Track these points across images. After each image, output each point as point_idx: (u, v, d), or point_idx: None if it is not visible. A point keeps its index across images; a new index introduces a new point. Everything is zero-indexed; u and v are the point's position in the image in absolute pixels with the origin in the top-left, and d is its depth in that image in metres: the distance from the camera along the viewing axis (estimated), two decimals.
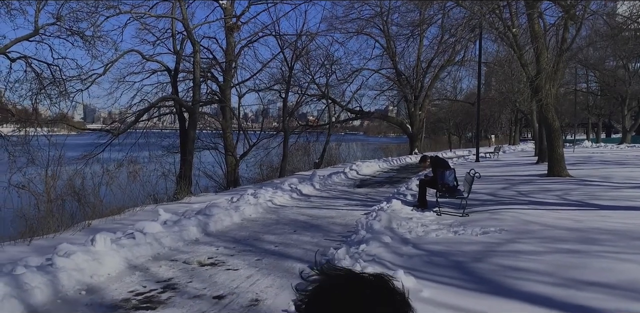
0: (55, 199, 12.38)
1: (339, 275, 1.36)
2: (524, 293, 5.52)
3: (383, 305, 1.28)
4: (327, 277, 1.36)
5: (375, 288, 1.30)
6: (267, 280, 6.68)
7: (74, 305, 5.66)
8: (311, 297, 1.34)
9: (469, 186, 11.36)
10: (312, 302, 1.33)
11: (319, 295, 1.33)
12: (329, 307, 1.29)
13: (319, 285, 1.34)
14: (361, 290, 1.29)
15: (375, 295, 1.29)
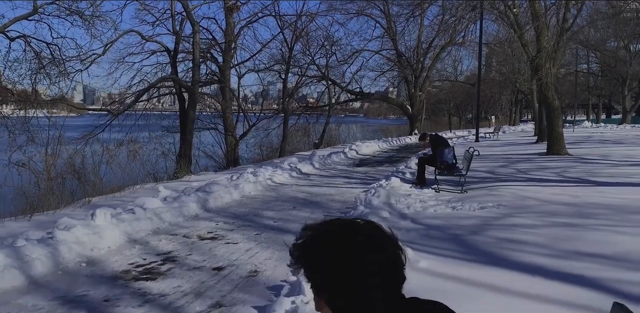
0: (56, 177, 12.43)
1: (333, 223, 1.39)
2: (519, 264, 5.58)
3: (376, 252, 1.29)
4: (321, 225, 1.38)
5: (368, 236, 1.32)
6: (266, 252, 6.75)
7: (74, 276, 5.73)
8: (305, 243, 1.35)
9: (468, 163, 11.39)
10: (306, 249, 1.34)
11: (313, 241, 1.34)
12: (322, 253, 1.30)
13: (313, 232, 1.36)
14: (354, 237, 1.31)
15: (368, 242, 1.30)
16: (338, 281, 1.28)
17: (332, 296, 1.30)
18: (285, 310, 4.37)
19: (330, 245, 1.30)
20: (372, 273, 1.27)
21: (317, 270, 1.33)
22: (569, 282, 4.91)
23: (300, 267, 1.37)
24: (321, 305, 1.34)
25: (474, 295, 4.61)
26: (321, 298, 1.32)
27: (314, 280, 1.35)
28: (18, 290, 5.21)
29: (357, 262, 1.26)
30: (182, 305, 4.88)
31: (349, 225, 1.36)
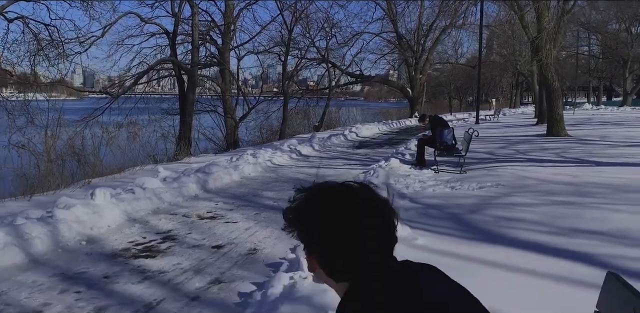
0: (56, 159, 12.45)
1: (328, 185, 1.37)
2: (517, 241, 5.61)
3: (373, 216, 1.29)
4: (316, 188, 1.37)
5: (366, 200, 1.31)
6: (265, 231, 6.78)
7: (74, 254, 5.76)
8: (300, 205, 1.34)
9: (467, 144, 11.38)
10: (302, 211, 1.33)
11: (309, 204, 1.33)
12: (318, 216, 1.29)
13: (308, 195, 1.34)
14: (352, 200, 1.30)
15: (365, 206, 1.29)
16: (334, 244, 1.27)
17: (326, 258, 1.30)
18: (283, 285, 4.40)
19: (327, 208, 1.29)
20: (369, 238, 1.26)
21: (312, 233, 1.31)
22: (566, 258, 4.94)
23: (294, 230, 1.36)
24: (314, 266, 1.34)
25: (471, 271, 4.63)
26: (315, 259, 1.32)
27: (308, 242, 1.34)
28: (18, 267, 5.24)
29: (354, 226, 1.26)
30: (182, 282, 4.91)
31: (346, 188, 1.34)
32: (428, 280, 1.28)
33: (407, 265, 1.32)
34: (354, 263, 1.27)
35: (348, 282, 1.28)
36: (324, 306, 3.73)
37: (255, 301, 4.30)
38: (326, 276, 1.32)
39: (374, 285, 1.23)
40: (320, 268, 1.32)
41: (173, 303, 4.40)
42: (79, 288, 4.71)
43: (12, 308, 4.28)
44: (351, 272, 1.27)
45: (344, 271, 1.29)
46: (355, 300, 1.24)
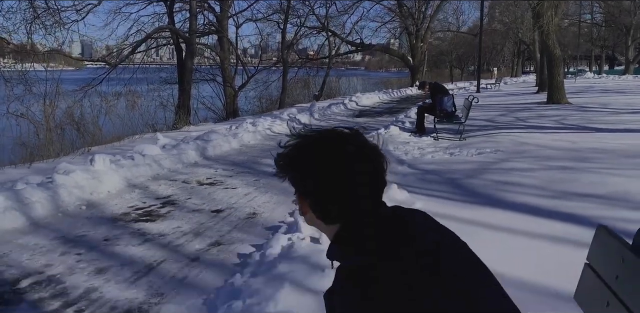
0: (55, 128, 12.44)
1: (320, 132, 1.37)
2: (514, 204, 5.64)
3: (365, 162, 1.28)
4: (308, 134, 1.36)
5: (358, 146, 1.30)
6: (264, 197, 6.81)
7: (74, 218, 5.80)
8: (293, 151, 1.33)
9: (467, 111, 11.35)
10: (294, 158, 1.33)
11: (301, 150, 1.32)
12: (311, 162, 1.29)
13: (300, 141, 1.34)
14: (344, 146, 1.29)
15: (357, 153, 1.29)
16: (326, 190, 1.28)
17: (317, 203, 1.31)
18: (281, 246, 4.44)
19: (319, 155, 1.29)
20: (361, 184, 1.26)
21: (304, 179, 1.32)
22: (563, 220, 4.96)
23: (285, 176, 1.36)
24: (305, 210, 1.34)
25: (470, 233, 4.60)
26: (306, 203, 1.33)
27: (300, 187, 1.35)
28: (19, 231, 5.29)
29: (346, 172, 1.26)
30: (182, 244, 4.96)
31: (337, 134, 1.34)
32: (419, 227, 1.29)
33: (397, 211, 1.33)
34: (345, 209, 1.27)
35: (338, 224, 1.29)
36: (320, 265, 3.77)
37: (254, 261, 4.35)
38: (317, 219, 1.33)
39: (365, 232, 1.23)
40: (311, 212, 1.33)
41: (173, 264, 4.45)
42: (80, 251, 4.76)
43: (14, 269, 4.33)
44: (342, 216, 1.28)
45: (336, 216, 1.30)
46: (348, 246, 1.25)
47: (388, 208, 1.32)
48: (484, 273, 1.25)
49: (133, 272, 4.26)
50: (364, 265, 1.16)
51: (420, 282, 1.11)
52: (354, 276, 1.15)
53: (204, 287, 3.95)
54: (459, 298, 1.11)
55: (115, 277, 4.15)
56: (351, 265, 1.20)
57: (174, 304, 3.68)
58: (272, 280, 3.61)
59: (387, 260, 1.14)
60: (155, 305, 3.66)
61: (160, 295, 3.82)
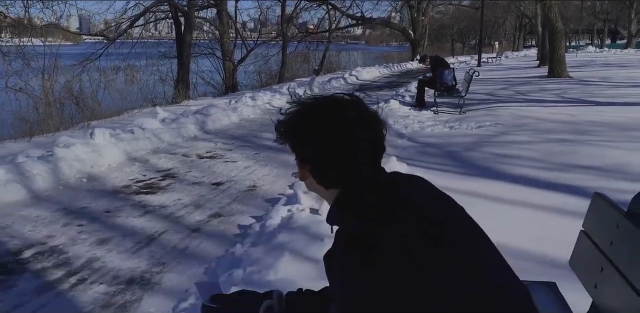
0: (54, 102, 12.42)
1: (320, 98, 1.37)
2: (512, 176, 5.67)
3: (365, 129, 1.29)
4: (308, 100, 1.36)
5: (358, 112, 1.31)
6: (264, 170, 6.84)
7: (75, 191, 5.84)
8: (293, 118, 1.34)
9: (467, 85, 11.31)
10: (293, 124, 1.34)
11: (301, 116, 1.33)
12: (311, 130, 1.30)
13: (300, 108, 1.34)
14: (344, 112, 1.30)
15: (358, 119, 1.29)
16: (326, 156, 1.29)
17: (318, 169, 1.32)
18: (281, 217, 4.48)
19: (320, 122, 1.29)
20: (361, 150, 1.28)
21: (305, 146, 1.33)
22: (562, 192, 5.00)
23: (285, 141, 1.37)
24: (306, 175, 1.35)
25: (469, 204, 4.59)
26: (306, 169, 1.34)
27: (300, 153, 1.36)
28: (21, 203, 5.33)
29: (347, 139, 1.26)
30: (182, 215, 5.00)
31: (337, 101, 1.34)
32: (422, 195, 1.30)
33: (396, 177, 1.34)
34: (345, 174, 1.28)
35: (338, 189, 1.31)
36: (319, 235, 3.81)
37: (254, 232, 4.39)
38: (317, 184, 1.34)
39: (365, 198, 1.24)
40: (312, 177, 1.34)
41: (174, 234, 4.50)
42: (81, 222, 4.81)
43: (16, 240, 4.38)
44: (342, 181, 1.29)
45: (335, 181, 1.31)
46: (348, 211, 1.26)
47: (387, 174, 1.33)
48: (487, 245, 1.27)
49: (134, 243, 4.30)
50: (364, 232, 1.17)
51: (423, 248, 1.12)
52: (354, 242, 1.16)
53: (205, 257, 4.00)
54: (461, 269, 1.13)
55: (117, 247, 4.20)
56: (351, 231, 1.21)
57: (176, 273, 3.73)
58: (272, 250, 3.66)
59: (387, 226, 1.15)
60: (157, 274, 3.71)
61: (162, 265, 3.87)
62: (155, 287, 3.52)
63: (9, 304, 3.29)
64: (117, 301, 3.33)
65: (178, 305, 3.24)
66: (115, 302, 3.32)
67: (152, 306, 3.27)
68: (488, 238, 1.28)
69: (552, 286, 2.24)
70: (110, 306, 3.26)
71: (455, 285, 1.10)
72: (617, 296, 1.75)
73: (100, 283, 3.58)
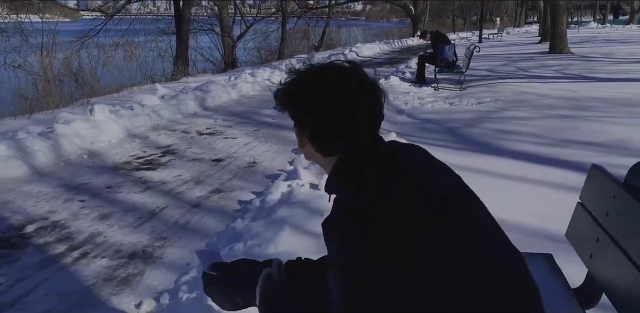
0: (53, 79, 12.35)
1: (319, 66, 1.36)
2: (513, 152, 5.69)
3: (365, 97, 1.28)
4: (307, 69, 1.35)
5: (358, 81, 1.29)
6: (264, 146, 6.85)
7: (76, 167, 5.86)
8: (291, 88, 1.33)
9: (468, 61, 11.27)
10: (293, 94, 1.33)
11: (300, 86, 1.32)
12: (310, 99, 1.29)
13: (298, 78, 1.33)
14: (343, 82, 1.28)
15: (358, 88, 1.28)
16: (325, 125, 1.28)
17: (317, 136, 1.32)
18: (281, 192, 4.51)
19: (318, 88, 1.29)
20: (361, 119, 1.27)
21: (304, 115, 1.32)
22: (562, 167, 5.03)
23: (284, 110, 1.37)
24: (304, 142, 1.36)
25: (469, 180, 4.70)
26: (305, 136, 1.34)
27: (299, 120, 1.35)
28: (22, 179, 5.35)
29: (346, 108, 1.26)
30: (183, 191, 5.03)
31: (336, 69, 1.33)
32: (420, 164, 1.30)
33: (394, 147, 1.34)
34: (343, 142, 1.28)
35: (336, 157, 1.31)
36: (319, 209, 3.84)
37: (254, 207, 4.42)
38: (315, 151, 1.34)
39: (365, 169, 1.24)
40: (310, 145, 1.34)
41: (175, 210, 4.53)
42: (83, 198, 4.84)
43: (19, 215, 4.41)
44: (341, 149, 1.30)
45: (334, 149, 1.31)
46: (347, 181, 1.26)
47: (385, 143, 1.34)
48: (487, 219, 1.28)
49: (136, 218, 4.34)
50: (364, 202, 1.17)
51: (421, 217, 1.12)
52: (354, 212, 1.16)
53: (206, 232, 4.04)
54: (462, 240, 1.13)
55: (119, 222, 4.23)
56: (351, 201, 1.22)
57: (177, 248, 3.76)
58: (272, 224, 3.69)
59: (386, 195, 1.16)
60: (158, 249, 3.75)
61: (163, 239, 3.91)
62: (157, 261, 3.56)
63: (13, 278, 3.33)
64: (120, 274, 3.37)
65: (180, 278, 3.28)
66: (118, 275, 3.36)
67: (155, 279, 3.31)
68: (487, 211, 1.29)
69: (549, 257, 2.27)
70: (113, 279, 3.30)
71: (457, 257, 1.10)
72: (611, 266, 1.78)
73: (102, 257, 3.62)
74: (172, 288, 3.17)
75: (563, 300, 1.97)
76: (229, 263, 1.56)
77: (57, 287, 3.21)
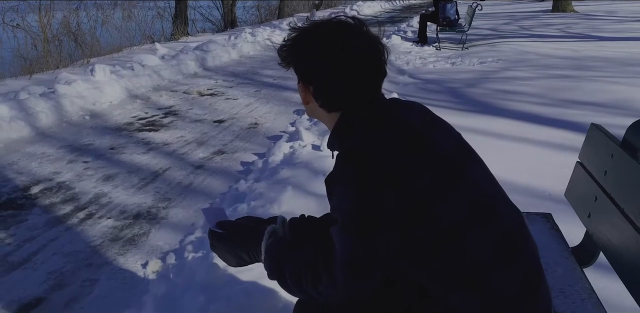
0: (52, 39, 12.22)
1: (322, 22, 1.36)
2: (513, 112, 5.69)
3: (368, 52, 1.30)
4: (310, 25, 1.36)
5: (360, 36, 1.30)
6: (265, 107, 6.85)
7: (79, 128, 5.88)
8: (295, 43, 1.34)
9: (470, 19, 11.12)
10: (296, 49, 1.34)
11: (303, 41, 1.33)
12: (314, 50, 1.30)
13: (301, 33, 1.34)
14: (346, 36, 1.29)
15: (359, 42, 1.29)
16: (329, 78, 1.30)
17: (321, 91, 1.33)
18: (283, 153, 4.54)
19: (322, 43, 1.30)
20: (364, 73, 1.29)
21: (307, 67, 1.34)
22: (562, 127, 5.02)
23: (288, 65, 1.38)
24: (309, 99, 1.37)
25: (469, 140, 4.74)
26: (309, 92, 1.35)
27: (303, 76, 1.36)
28: (26, 140, 5.39)
29: (351, 61, 1.28)
30: (186, 152, 5.06)
31: (339, 24, 1.34)
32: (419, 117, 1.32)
33: (397, 102, 1.37)
34: (347, 96, 1.31)
35: (339, 112, 1.33)
36: (321, 170, 3.88)
37: (257, 168, 4.47)
38: (319, 108, 1.36)
39: (364, 118, 1.28)
40: (314, 101, 1.36)
41: (178, 171, 4.57)
42: (87, 159, 4.87)
43: (24, 176, 4.46)
44: (344, 104, 1.32)
45: (338, 103, 1.33)
46: (347, 133, 1.30)
47: (387, 99, 1.36)
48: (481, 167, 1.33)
49: (140, 179, 4.38)
50: (358, 146, 1.22)
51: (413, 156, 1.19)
52: (349, 156, 1.21)
53: (210, 193, 4.09)
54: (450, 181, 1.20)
55: (123, 183, 4.28)
56: (347, 148, 1.26)
57: (181, 208, 3.82)
58: (275, 185, 3.73)
59: (381, 139, 1.21)
60: (163, 209, 3.80)
61: (167, 200, 3.96)
62: (162, 222, 3.62)
63: (21, 237, 3.40)
64: (126, 234, 3.43)
65: (185, 238, 3.34)
66: (124, 235, 3.42)
67: (160, 239, 3.37)
68: (486, 167, 1.33)
69: (549, 217, 2.31)
70: (119, 239, 3.37)
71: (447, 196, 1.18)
72: (609, 224, 1.82)
73: (108, 217, 3.68)
74: (178, 248, 3.22)
75: (561, 258, 2.02)
76: (234, 220, 1.60)
77: (65, 247, 3.28)
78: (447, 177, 1.20)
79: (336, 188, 1.22)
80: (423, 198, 1.15)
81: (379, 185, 1.14)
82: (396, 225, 1.14)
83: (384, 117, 1.28)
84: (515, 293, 1.23)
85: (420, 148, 1.21)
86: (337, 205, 1.22)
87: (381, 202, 1.13)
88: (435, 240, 1.17)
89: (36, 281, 2.90)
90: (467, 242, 1.19)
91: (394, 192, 1.13)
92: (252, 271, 2.52)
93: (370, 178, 1.15)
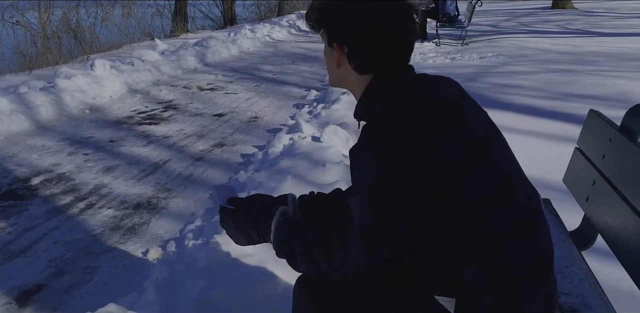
0: (52, 36, 12.22)
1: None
2: (512, 105, 5.70)
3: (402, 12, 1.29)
4: None
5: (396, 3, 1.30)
6: (265, 101, 6.86)
7: (79, 121, 5.89)
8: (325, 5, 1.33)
9: (470, 15, 11.13)
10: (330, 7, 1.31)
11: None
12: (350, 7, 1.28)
13: None
14: None
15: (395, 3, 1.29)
16: (364, 36, 1.27)
17: (354, 50, 1.30)
18: (283, 145, 4.55)
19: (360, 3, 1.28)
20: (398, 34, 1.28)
21: (343, 25, 1.30)
22: (562, 120, 5.04)
23: (319, 27, 1.36)
24: (340, 61, 1.34)
25: None
26: (343, 52, 1.32)
27: (338, 36, 1.32)
28: (26, 133, 5.39)
29: (388, 21, 1.27)
30: (186, 145, 5.07)
31: None
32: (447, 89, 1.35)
33: (428, 76, 1.37)
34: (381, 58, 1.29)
35: (371, 77, 1.31)
36: (321, 160, 3.89)
37: (257, 159, 4.48)
38: (352, 69, 1.33)
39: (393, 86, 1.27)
40: (347, 63, 1.32)
41: (178, 163, 4.58)
42: (87, 151, 4.88)
43: (24, 168, 4.47)
44: (377, 67, 1.30)
45: (374, 65, 1.30)
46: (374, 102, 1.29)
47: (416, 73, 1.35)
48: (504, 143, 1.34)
49: (140, 170, 4.40)
50: (386, 116, 1.20)
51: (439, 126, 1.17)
52: (376, 126, 1.20)
53: (210, 183, 4.09)
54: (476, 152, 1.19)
55: (123, 175, 4.30)
56: (374, 118, 1.25)
57: (182, 199, 3.83)
58: (275, 175, 3.74)
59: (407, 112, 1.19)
60: (163, 200, 3.81)
61: (167, 191, 3.97)
62: (162, 211, 3.63)
63: (22, 227, 3.41)
64: (126, 224, 3.44)
65: (185, 227, 3.35)
66: (124, 225, 3.44)
67: (160, 228, 3.38)
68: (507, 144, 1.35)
69: (547, 202, 2.33)
70: (119, 228, 3.38)
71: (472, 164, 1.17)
72: (607, 207, 1.83)
73: (108, 207, 3.69)
74: (178, 236, 3.24)
75: (560, 241, 2.03)
76: (244, 198, 1.60)
77: (65, 236, 3.29)
78: (474, 154, 1.19)
79: (361, 159, 1.20)
80: (450, 173, 1.14)
81: (407, 156, 1.12)
82: (421, 199, 1.13)
83: (414, 89, 1.27)
84: (526, 272, 1.23)
85: (448, 122, 1.19)
86: (360, 175, 1.20)
87: (406, 173, 1.11)
88: (459, 217, 1.16)
89: (37, 268, 2.91)
90: (488, 219, 1.18)
91: (420, 165, 1.12)
92: (252, 256, 2.53)
93: (398, 148, 1.13)
